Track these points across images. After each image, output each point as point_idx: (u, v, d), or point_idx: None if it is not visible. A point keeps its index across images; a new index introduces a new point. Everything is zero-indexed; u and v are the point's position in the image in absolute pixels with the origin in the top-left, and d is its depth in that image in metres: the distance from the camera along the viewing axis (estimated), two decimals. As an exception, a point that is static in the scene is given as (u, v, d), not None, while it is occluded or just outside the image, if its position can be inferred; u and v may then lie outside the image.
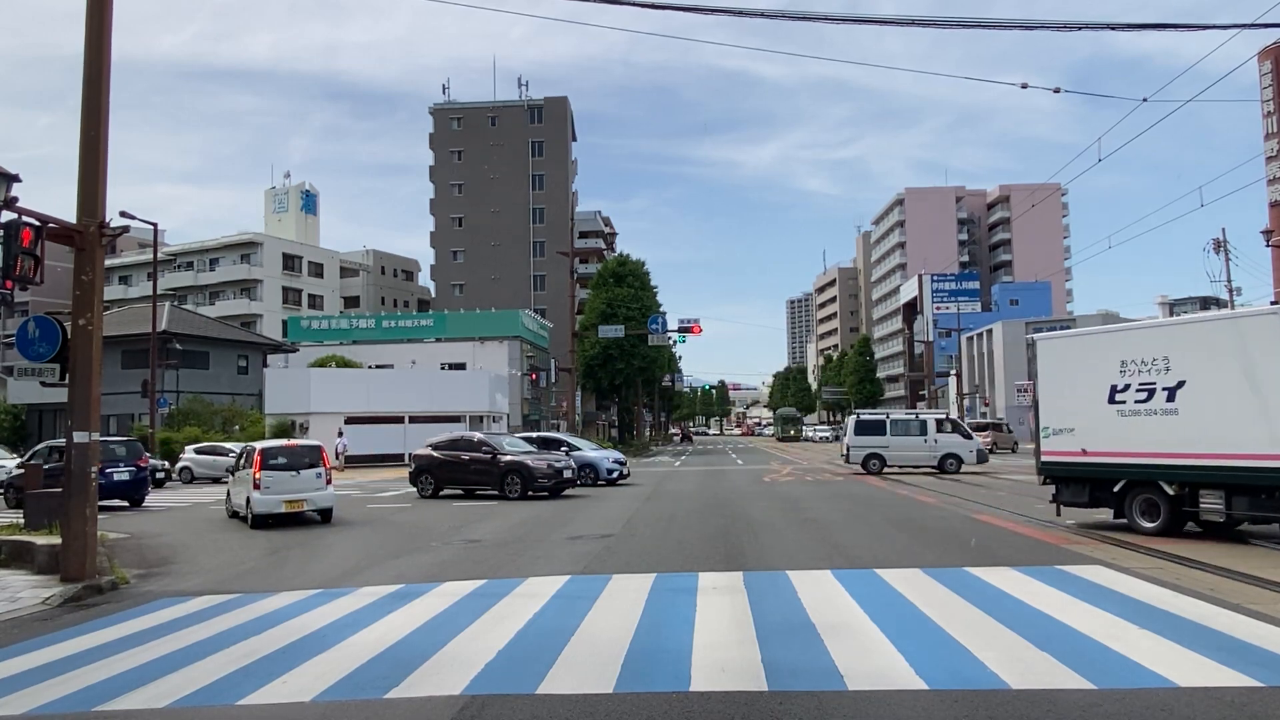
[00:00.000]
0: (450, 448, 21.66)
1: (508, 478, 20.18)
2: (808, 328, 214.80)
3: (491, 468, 20.52)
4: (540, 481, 20.11)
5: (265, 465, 15.80)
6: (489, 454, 20.74)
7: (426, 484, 21.46)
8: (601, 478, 25.20)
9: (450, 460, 21.28)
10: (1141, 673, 5.37)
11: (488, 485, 20.65)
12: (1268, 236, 49.89)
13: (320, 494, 16.26)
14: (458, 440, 22.15)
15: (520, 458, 20.59)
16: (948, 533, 12.74)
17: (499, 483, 20.25)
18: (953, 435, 28.68)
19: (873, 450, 28.56)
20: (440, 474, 21.33)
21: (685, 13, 11.29)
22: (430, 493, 21.17)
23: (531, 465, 20.22)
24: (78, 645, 7.06)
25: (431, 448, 22.02)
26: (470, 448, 21.37)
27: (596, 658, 6.02)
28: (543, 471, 20.24)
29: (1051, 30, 11.92)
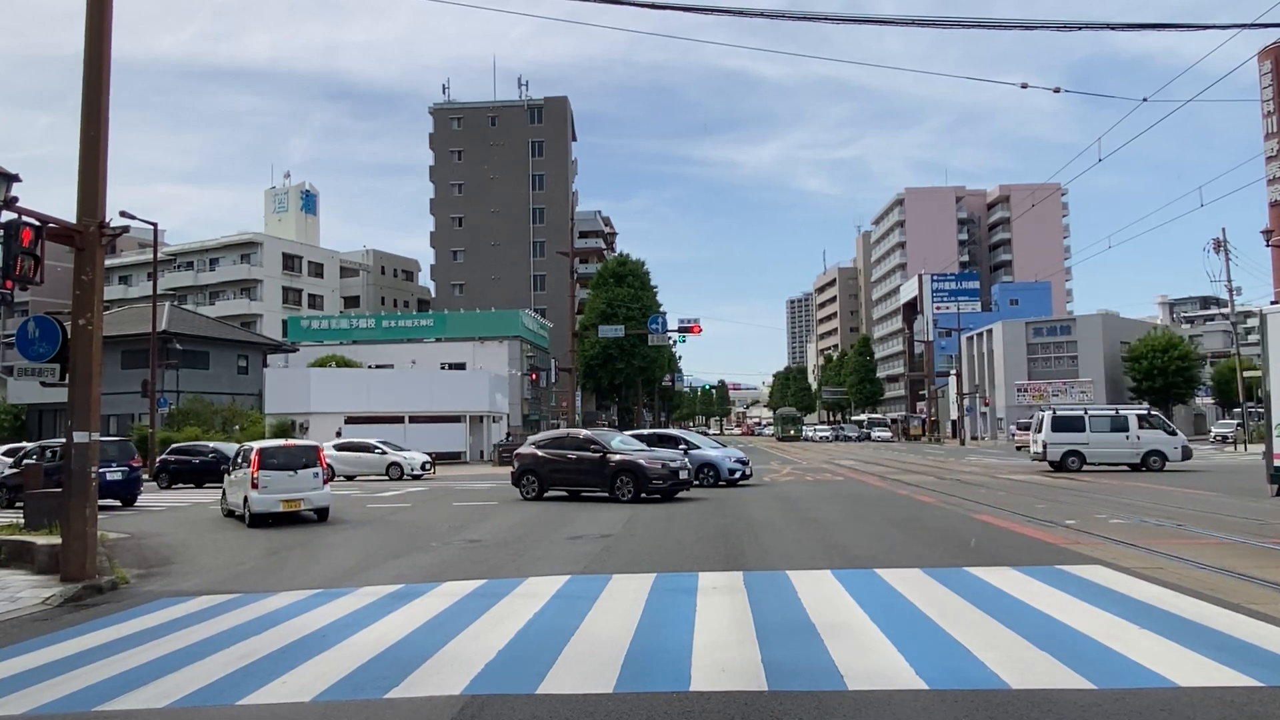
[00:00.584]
0: (555, 446, 20.47)
1: (619, 478, 18.89)
2: (808, 328, 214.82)
3: (601, 467, 19.25)
4: (654, 483, 18.77)
5: (263, 465, 15.96)
6: (598, 453, 19.46)
7: (530, 485, 20.10)
8: (722, 478, 23.55)
9: (556, 460, 19.99)
10: (1141, 673, 5.37)
11: (596, 486, 19.39)
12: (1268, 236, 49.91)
13: (317, 493, 16.41)
14: (563, 438, 21.06)
15: (632, 456, 19.33)
16: (948, 533, 12.74)
17: (609, 484, 18.98)
18: (1156, 431, 27.68)
19: (1072, 447, 27.61)
20: (545, 475, 19.98)
21: (685, 13, 11.30)
22: (534, 494, 19.90)
23: (645, 465, 18.97)
24: (78, 645, 7.06)
25: (536, 447, 20.87)
26: (577, 446, 20.11)
27: (596, 658, 6.02)
28: (657, 472, 18.91)
29: (1051, 30, 11.92)
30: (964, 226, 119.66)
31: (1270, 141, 59.16)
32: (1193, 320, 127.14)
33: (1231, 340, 57.89)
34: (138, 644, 7.00)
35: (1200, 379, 69.25)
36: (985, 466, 32.62)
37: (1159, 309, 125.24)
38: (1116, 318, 77.92)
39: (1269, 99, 58.54)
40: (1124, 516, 14.36)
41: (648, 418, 71.14)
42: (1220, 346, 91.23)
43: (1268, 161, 59.01)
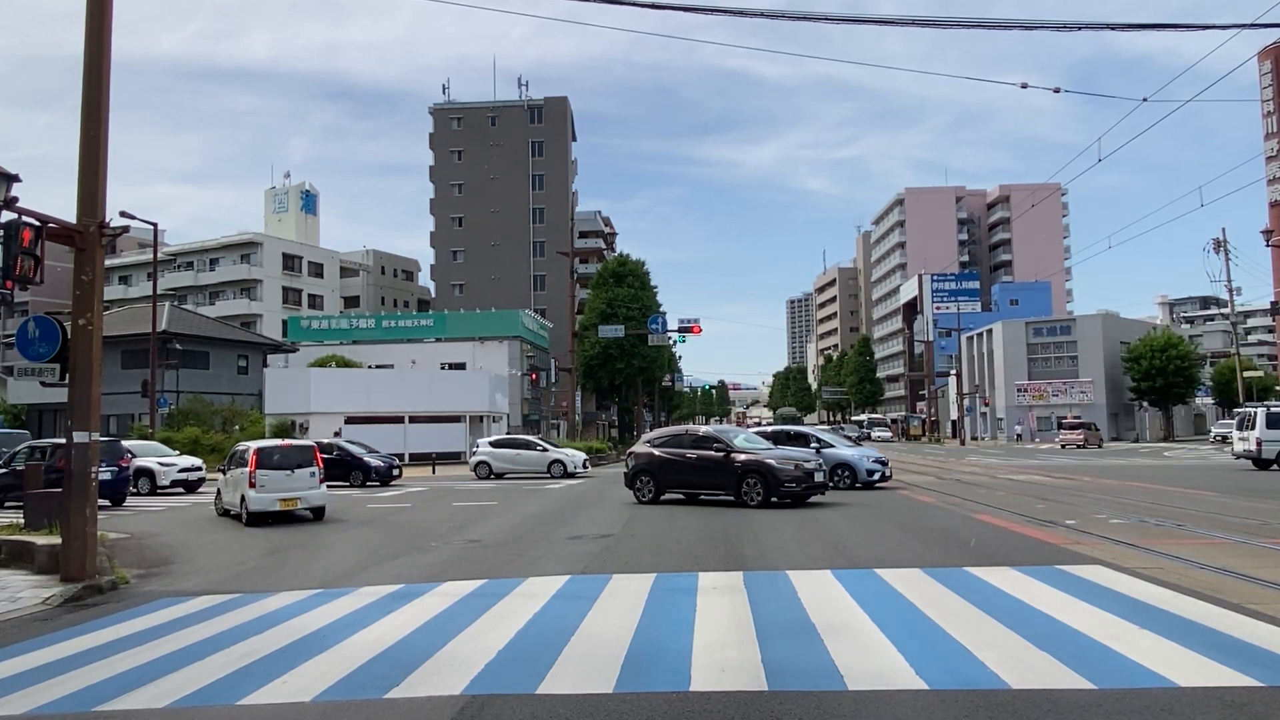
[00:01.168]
0: (673, 445, 18.89)
1: (745, 480, 17.20)
2: (808, 328, 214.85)
3: (724, 468, 17.56)
4: (787, 486, 17.05)
5: (260, 464, 16.12)
6: (721, 452, 17.78)
7: (645, 487, 18.60)
8: (859, 480, 21.72)
9: (674, 460, 18.40)
10: (1141, 673, 5.37)
11: (719, 488, 17.79)
12: (1268, 236, 49.91)
13: (313, 492, 16.61)
14: (681, 436, 19.39)
15: (760, 456, 17.55)
16: (948, 533, 12.74)
17: (734, 486, 17.32)
18: None
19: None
20: (663, 476, 18.47)
21: (685, 12, 11.29)
22: (650, 497, 18.43)
23: (775, 465, 17.16)
24: (78, 645, 7.06)
25: (651, 445, 19.39)
26: (697, 444, 18.46)
27: (596, 658, 6.02)
28: (789, 473, 17.08)
29: (1051, 30, 11.92)
30: (964, 226, 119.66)
31: (1270, 141, 59.17)
32: (1193, 320, 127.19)
33: (1231, 340, 57.85)
34: (138, 644, 7.00)
35: (1200, 379, 69.27)
36: (985, 467, 32.61)
37: (1159, 309, 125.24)
38: (1116, 318, 77.92)
39: (1269, 99, 58.56)
40: (1124, 516, 14.35)
41: (648, 418, 71.13)
42: (1220, 346, 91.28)
43: (1268, 161, 59.03)
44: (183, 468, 25.69)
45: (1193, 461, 33.49)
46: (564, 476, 29.44)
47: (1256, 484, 21.57)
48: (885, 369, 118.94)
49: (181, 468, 25.64)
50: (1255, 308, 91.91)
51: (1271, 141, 58.98)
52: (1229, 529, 12.53)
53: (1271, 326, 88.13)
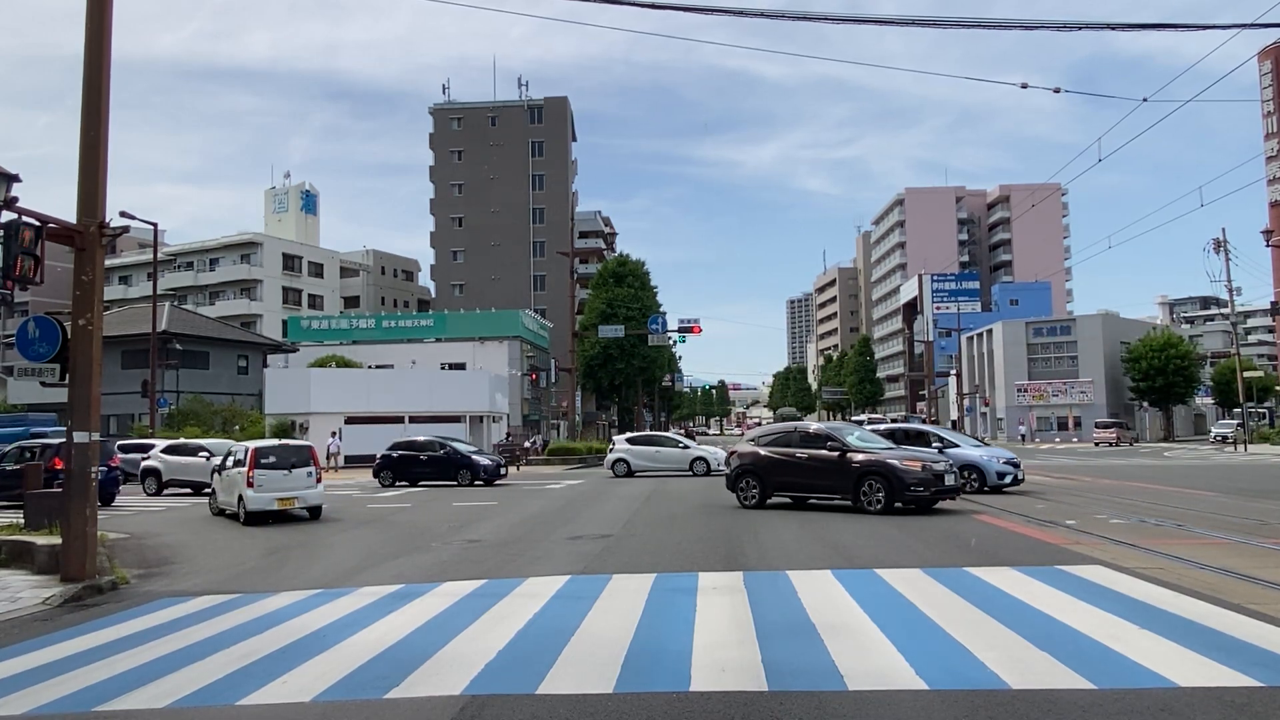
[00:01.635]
0: (781, 443, 17.09)
1: (865, 483, 15.44)
2: (808, 328, 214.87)
3: (840, 469, 15.86)
4: (913, 490, 15.13)
5: (258, 464, 16.31)
6: (836, 451, 16.04)
7: (749, 490, 16.97)
8: (988, 483, 19.51)
9: (783, 460, 16.73)
10: (1141, 673, 5.37)
11: (833, 492, 16.12)
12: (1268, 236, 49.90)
13: (310, 492, 16.83)
14: (789, 434, 17.39)
15: (881, 455, 15.83)
16: (948, 533, 12.74)
17: (851, 489, 15.63)
18: None
19: None
20: (770, 477, 16.89)
21: (685, 12, 11.29)
22: (755, 501, 16.81)
23: (899, 467, 15.31)
24: (78, 645, 7.06)
25: (757, 443, 17.63)
26: (807, 442, 16.69)
27: (596, 658, 6.02)
28: (915, 475, 15.19)
29: (1051, 30, 11.92)
30: (964, 226, 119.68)
31: (1270, 141, 59.17)
32: (1193, 320, 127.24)
33: (1231, 340, 57.85)
34: (138, 644, 7.00)
35: (1200, 379, 69.30)
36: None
37: (1159, 309, 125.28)
38: (1116, 318, 77.91)
39: (1269, 99, 58.55)
40: (1124, 516, 14.35)
41: (648, 418, 71.15)
42: (1220, 346, 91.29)
43: (1268, 161, 59.02)
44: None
45: (1193, 461, 33.49)
46: (706, 475, 27.84)
47: (1257, 484, 21.56)
48: (885, 369, 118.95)
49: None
50: (1255, 308, 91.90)
51: (1271, 141, 58.98)
52: (1229, 529, 12.53)
53: (1271, 326, 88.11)
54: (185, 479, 24.70)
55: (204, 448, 24.92)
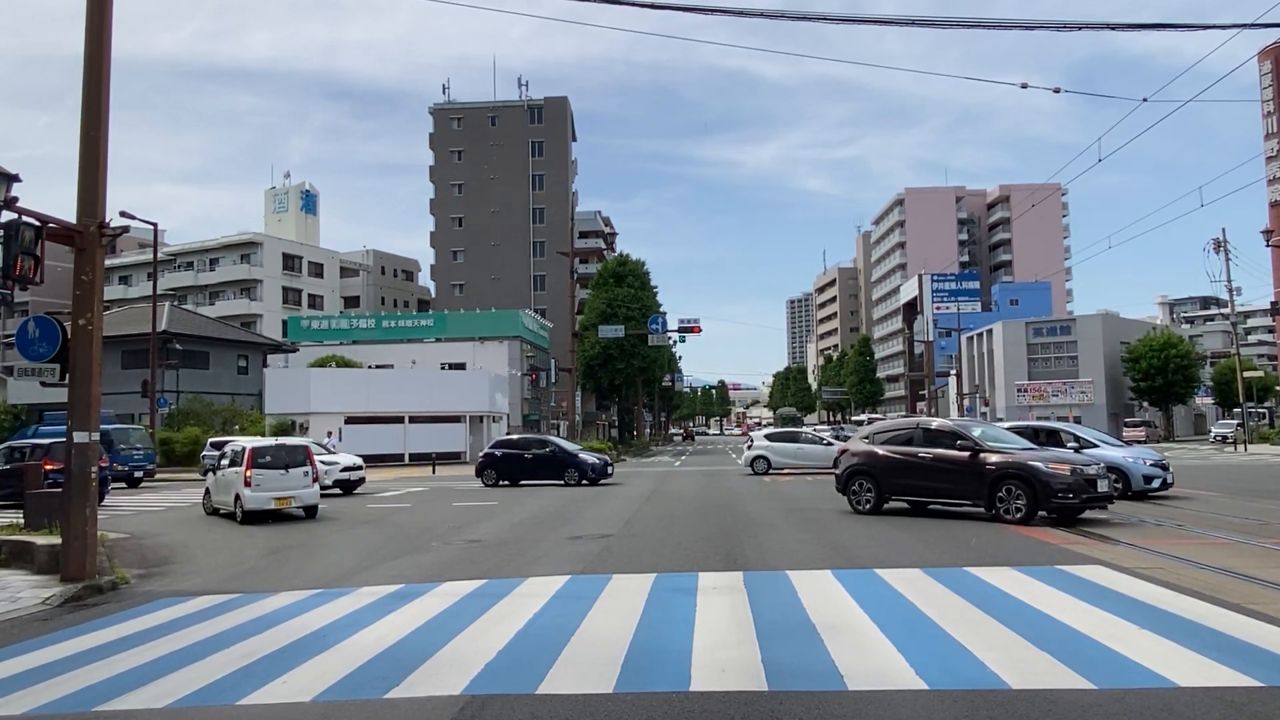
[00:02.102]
0: (900, 441, 15.30)
1: (1002, 487, 13.47)
2: (808, 328, 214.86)
3: (971, 472, 13.94)
4: (1061, 496, 13.04)
5: (255, 464, 16.52)
6: (966, 451, 14.13)
7: (864, 493, 15.37)
8: (1133, 487, 17.22)
9: (903, 460, 14.95)
10: (1141, 673, 5.37)
11: (963, 497, 14.28)
12: (1268, 236, 49.88)
13: (306, 491, 17.04)
14: (910, 431, 15.56)
15: (1020, 457, 13.80)
16: (948, 533, 12.74)
17: (985, 494, 13.71)
18: None
19: None
20: (888, 479, 15.15)
21: (685, 12, 11.30)
22: (870, 506, 15.22)
23: (1044, 470, 13.26)
24: (78, 645, 7.06)
25: (872, 441, 15.85)
26: (932, 441, 14.83)
27: (596, 658, 6.02)
28: (1062, 480, 13.08)
29: (1051, 30, 11.92)
30: (964, 226, 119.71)
31: (1270, 141, 59.17)
32: (1193, 320, 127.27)
33: (1231, 340, 57.86)
34: (138, 644, 7.00)
35: (1200, 379, 69.29)
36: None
37: (1159, 309, 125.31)
38: (1116, 318, 77.90)
39: (1269, 99, 58.55)
40: (1124, 517, 14.35)
41: (648, 418, 71.17)
42: (1220, 346, 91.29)
43: (1268, 161, 59.02)
44: (345, 467, 23.08)
45: (1193, 461, 33.49)
46: None
47: (1257, 484, 21.56)
48: (885, 369, 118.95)
49: (344, 467, 23.04)
50: (1255, 308, 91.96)
51: (1271, 141, 58.97)
52: (1229, 529, 12.54)
53: (1271, 326, 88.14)
54: None
55: None
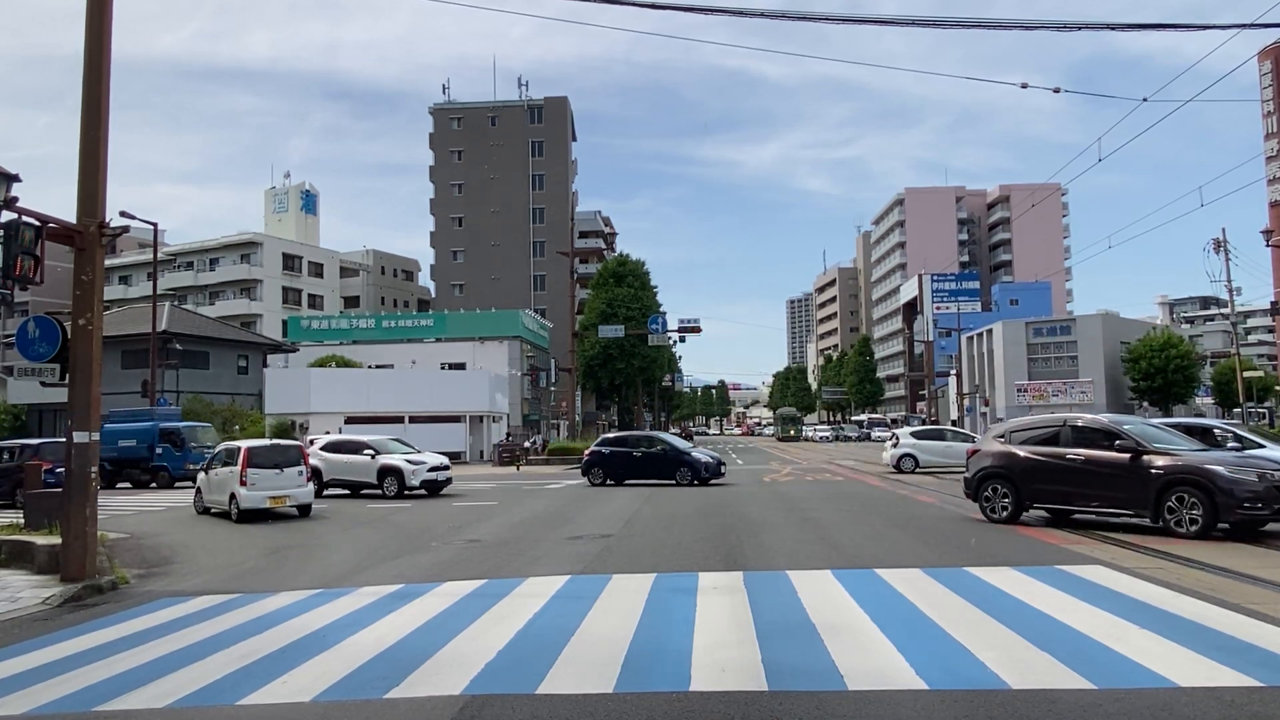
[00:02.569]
0: (1045, 441, 13.34)
1: (1171, 495, 11.64)
2: (808, 328, 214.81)
3: (1133, 476, 12.01)
4: (1247, 508, 11.11)
5: (251, 463, 16.85)
6: (1127, 452, 12.11)
7: (999, 499, 13.64)
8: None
9: (1048, 463, 13.02)
10: (1141, 673, 5.37)
11: (1123, 506, 12.36)
12: (1268, 236, 49.84)
13: (300, 490, 17.35)
14: (1056, 429, 13.37)
15: (1193, 459, 11.75)
16: (948, 533, 12.74)
17: (1151, 503, 11.83)
18: None
19: None
20: (1029, 484, 13.28)
21: (685, 12, 11.29)
22: (1008, 514, 13.48)
23: (1226, 476, 11.23)
24: (78, 645, 7.06)
25: (1009, 441, 13.99)
26: (1083, 440, 12.79)
27: (596, 657, 6.02)
28: (1247, 488, 11.11)
29: (1052, 30, 11.92)
30: (964, 226, 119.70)
31: (1270, 141, 59.16)
32: (1193, 320, 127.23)
33: (1231, 340, 57.87)
34: (138, 644, 7.00)
35: (1200, 379, 69.26)
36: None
37: (1159, 309, 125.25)
38: (1116, 318, 77.89)
39: (1269, 99, 58.54)
40: (1124, 516, 14.33)
41: (648, 418, 71.18)
42: (1220, 346, 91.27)
43: (1267, 161, 59.01)
44: (432, 467, 22.42)
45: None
46: None
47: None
48: (885, 369, 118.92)
49: (431, 467, 22.40)
50: (1255, 308, 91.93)
51: (1271, 141, 58.96)
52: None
53: (1271, 326, 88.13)
54: (348, 479, 22.66)
55: (369, 445, 22.80)
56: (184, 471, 27.48)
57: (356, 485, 22.50)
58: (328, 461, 22.90)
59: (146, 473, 28.59)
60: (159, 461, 28.54)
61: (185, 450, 28.16)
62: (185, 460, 27.76)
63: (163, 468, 28.46)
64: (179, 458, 28.29)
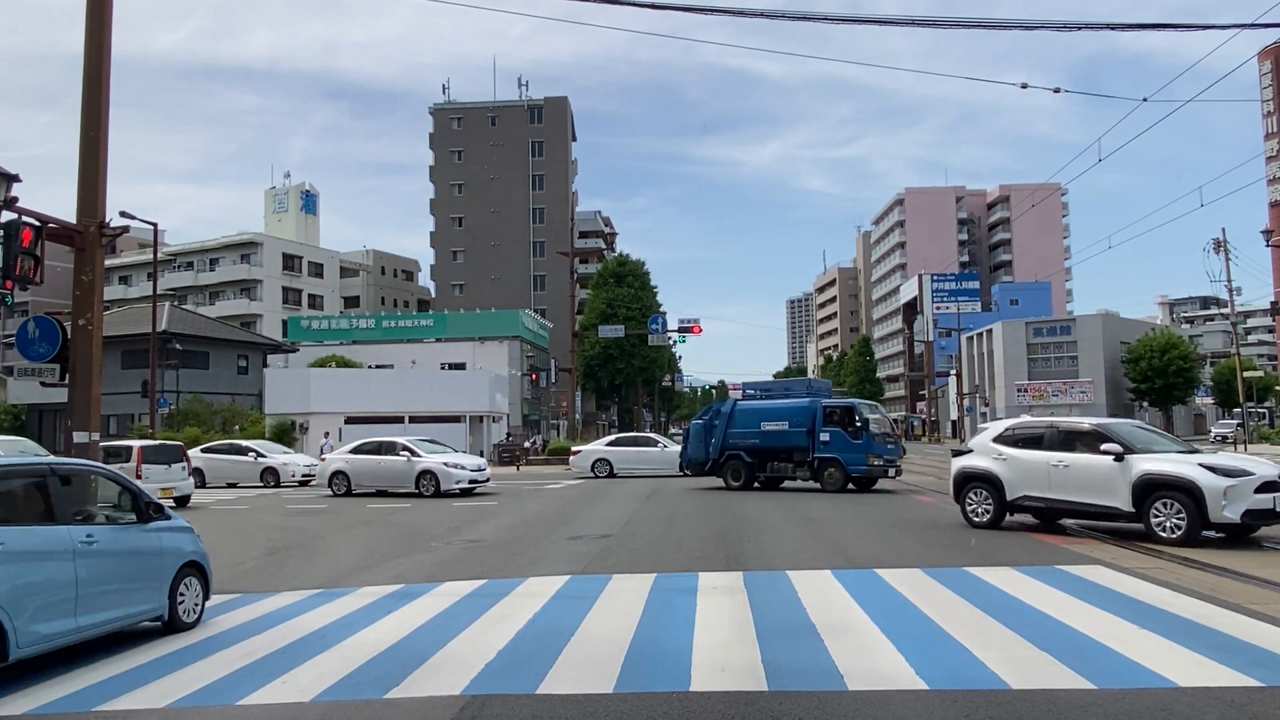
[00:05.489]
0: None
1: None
2: (808, 328, 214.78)
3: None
4: None
5: (145, 460, 19.45)
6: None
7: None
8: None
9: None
10: (1141, 673, 5.37)
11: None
12: (1268, 236, 49.80)
13: (183, 483, 20.16)
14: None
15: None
16: (948, 533, 12.73)
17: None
18: None
19: None
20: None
21: (685, 12, 11.29)
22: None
23: None
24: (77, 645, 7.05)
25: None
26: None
27: (596, 658, 6.02)
28: None
29: (1052, 30, 11.92)
30: (964, 226, 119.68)
31: (1270, 141, 59.15)
32: (1193, 320, 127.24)
33: (1231, 340, 57.85)
34: (138, 644, 7.00)
35: (1200, 379, 69.27)
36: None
37: (1159, 309, 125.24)
38: (1116, 318, 77.92)
39: (1269, 99, 58.53)
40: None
41: (648, 418, 71.17)
42: (1220, 346, 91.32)
43: (1268, 161, 59.00)
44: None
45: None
46: None
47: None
48: (885, 369, 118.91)
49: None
50: (1255, 308, 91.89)
51: (1271, 141, 58.95)
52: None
53: (1271, 326, 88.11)
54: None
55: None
56: None
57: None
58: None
59: None
60: None
61: None
62: None
63: None
64: None
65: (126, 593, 6.79)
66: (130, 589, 6.84)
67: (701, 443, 22.60)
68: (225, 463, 27.93)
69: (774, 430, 21.39)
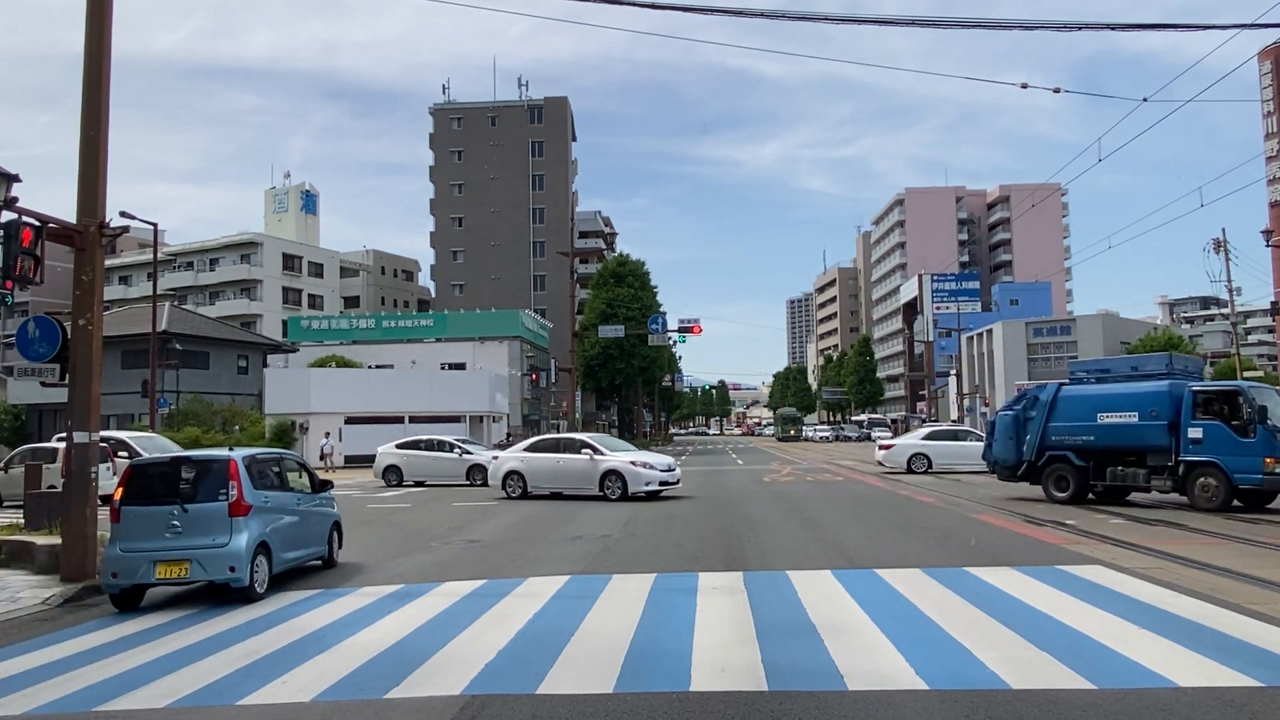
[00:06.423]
0: None
1: None
2: (808, 328, 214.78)
3: None
4: None
5: None
6: None
7: None
8: None
9: None
10: (1141, 673, 5.37)
11: None
12: (1268, 236, 49.82)
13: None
14: None
15: None
16: (948, 533, 12.74)
17: None
18: None
19: None
20: None
21: (685, 12, 11.29)
22: None
23: None
24: (78, 645, 7.07)
25: None
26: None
27: (596, 658, 6.02)
28: None
29: (1052, 30, 11.92)
30: (964, 226, 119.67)
31: (1270, 141, 59.16)
32: (1193, 320, 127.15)
33: (1231, 340, 57.85)
34: (138, 644, 7.00)
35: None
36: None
37: (1159, 309, 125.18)
38: (1116, 318, 77.91)
39: (1269, 99, 58.54)
40: (1124, 517, 14.35)
41: (648, 418, 71.22)
42: (1220, 347, 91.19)
43: (1268, 161, 59.00)
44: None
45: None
46: None
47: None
48: (885, 369, 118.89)
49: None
50: (1255, 308, 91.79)
51: (1271, 141, 58.97)
52: (1229, 529, 12.53)
53: (1271, 326, 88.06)
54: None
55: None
56: None
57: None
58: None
59: None
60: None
61: None
62: None
63: None
64: None
65: (313, 538, 10.23)
66: (313, 536, 10.26)
67: (1011, 440, 17.90)
68: None
69: (1116, 424, 16.34)
